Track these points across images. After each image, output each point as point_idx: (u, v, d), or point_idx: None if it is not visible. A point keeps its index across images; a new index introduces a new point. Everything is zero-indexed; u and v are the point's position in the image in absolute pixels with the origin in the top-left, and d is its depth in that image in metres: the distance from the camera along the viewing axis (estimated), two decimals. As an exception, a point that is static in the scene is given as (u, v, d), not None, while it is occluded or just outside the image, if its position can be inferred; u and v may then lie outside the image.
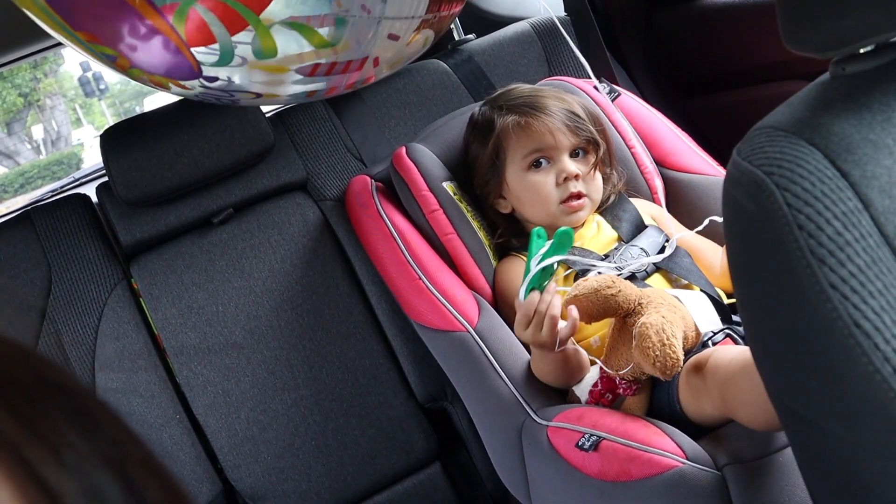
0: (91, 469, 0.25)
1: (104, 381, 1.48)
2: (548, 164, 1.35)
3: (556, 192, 1.34)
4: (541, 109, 1.36)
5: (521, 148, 1.36)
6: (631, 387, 1.16)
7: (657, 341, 1.04)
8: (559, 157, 1.34)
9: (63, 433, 0.26)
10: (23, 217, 1.58)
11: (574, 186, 1.34)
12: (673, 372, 1.04)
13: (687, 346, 1.12)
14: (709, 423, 1.10)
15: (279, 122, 1.70)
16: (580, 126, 1.35)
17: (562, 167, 1.34)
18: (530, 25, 1.91)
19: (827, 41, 0.61)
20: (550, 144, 1.34)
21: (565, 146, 1.34)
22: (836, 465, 0.60)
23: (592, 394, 1.20)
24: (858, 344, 0.53)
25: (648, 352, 1.04)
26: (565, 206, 1.34)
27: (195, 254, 1.59)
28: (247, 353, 1.54)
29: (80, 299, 1.52)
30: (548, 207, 1.35)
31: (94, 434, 0.27)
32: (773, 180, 0.57)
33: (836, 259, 0.54)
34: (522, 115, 1.36)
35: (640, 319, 1.09)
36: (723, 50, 1.78)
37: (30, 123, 12.86)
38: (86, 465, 0.25)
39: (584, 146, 1.36)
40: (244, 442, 1.51)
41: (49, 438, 0.25)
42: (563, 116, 1.35)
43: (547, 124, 1.34)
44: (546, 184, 1.35)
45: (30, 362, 0.28)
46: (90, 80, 12.78)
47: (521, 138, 1.36)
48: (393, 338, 1.57)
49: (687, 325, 1.12)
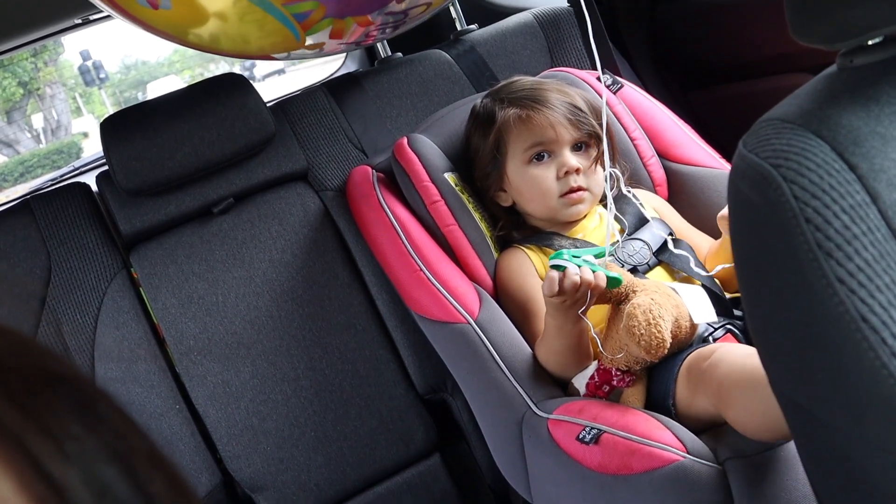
0: (95, 461, 0.25)
1: (103, 371, 1.48)
2: (549, 158, 1.34)
3: (556, 186, 1.34)
4: (542, 102, 1.35)
5: (522, 141, 1.35)
6: (625, 378, 1.16)
7: (643, 321, 1.07)
8: (560, 150, 1.34)
9: (67, 425, 0.25)
10: (22, 206, 1.58)
11: (574, 181, 1.33)
12: (658, 352, 1.06)
13: (681, 336, 1.13)
14: (698, 424, 1.10)
15: (280, 111, 1.69)
16: (582, 120, 1.34)
17: (562, 161, 1.33)
18: (533, 16, 1.90)
19: (835, 33, 0.61)
20: (551, 138, 1.33)
21: (566, 140, 1.34)
22: (840, 459, 0.59)
23: (589, 386, 1.20)
24: (865, 339, 0.53)
25: (634, 330, 1.07)
26: (565, 199, 1.34)
27: (195, 243, 1.58)
28: (246, 343, 1.54)
29: (80, 288, 1.51)
30: (548, 201, 1.35)
31: (98, 426, 0.26)
32: (780, 173, 0.57)
33: (844, 253, 0.54)
34: (524, 108, 1.35)
35: (630, 301, 1.11)
36: (726, 42, 1.77)
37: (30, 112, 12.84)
38: (90, 457, 0.25)
39: (586, 140, 1.35)
40: (244, 432, 1.51)
41: (53, 431, 0.25)
42: (564, 110, 1.34)
43: (548, 118, 1.33)
44: (546, 178, 1.34)
45: (33, 354, 0.27)
46: (90, 68, 12.74)
47: (523, 132, 1.35)
48: (393, 329, 1.57)
49: (681, 315, 1.13)
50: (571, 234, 1.37)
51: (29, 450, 0.24)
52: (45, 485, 0.24)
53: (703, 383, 1.07)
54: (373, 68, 1.90)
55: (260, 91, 1.61)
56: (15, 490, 0.23)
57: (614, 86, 1.59)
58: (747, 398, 0.97)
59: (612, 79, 1.60)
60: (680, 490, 1.00)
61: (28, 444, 0.24)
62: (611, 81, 1.59)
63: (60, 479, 0.24)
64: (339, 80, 1.85)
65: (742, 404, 0.99)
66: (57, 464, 0.24)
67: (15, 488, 0.23)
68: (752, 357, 0.99)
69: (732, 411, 1.01)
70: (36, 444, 0.24)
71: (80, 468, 0.25)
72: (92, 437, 0.26)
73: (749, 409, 0.98)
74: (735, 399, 1.00)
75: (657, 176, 1.51)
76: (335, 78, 2.00)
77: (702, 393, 1.08)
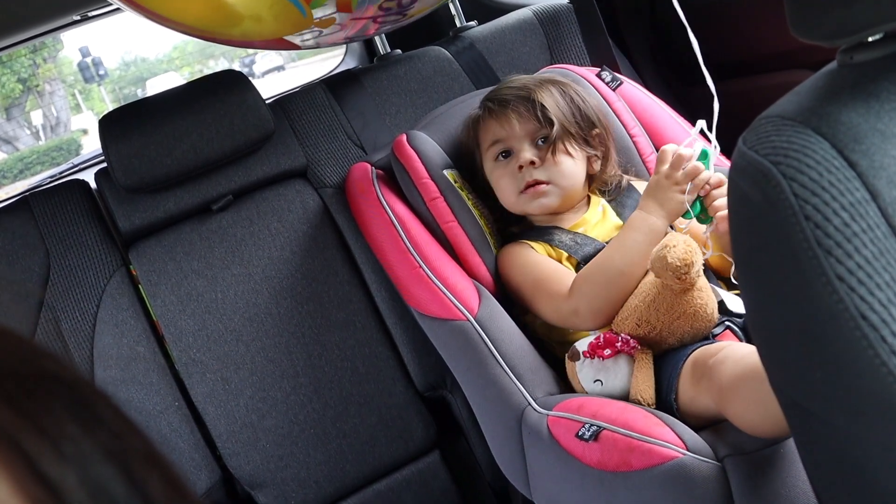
0: (92, 462, 0.25)
1: (102, 369, 1.48)
2: (511, 156, 1.36)
3: (513, 183, 1.35)
4: (498, 101, 1.38)
5: (485, 141, 1.39)
6: (629, 343, 1.18)
7: (674, 238, 1.10)
8: (518, 146, 1.35)
9: (63, 426, 0.25)
10: (21, 203, 1.57)
11: (529, 175, 1.34)
12: (687, 272, 1.08)
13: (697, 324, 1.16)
14: (699, 421, 1.10)
15: (279, 108, 1.69)
16: (534, 111, 1.34)
17: (516, 156, 1.35)
18: (533, 13, 1.90)
19: (835, 29, 0.60)
20: (503, 135, 1.36)
21: (519, 135, 1.35)
22: (839, 457, 0.59)
23: (591, 345, 1.20)
24: (864, 336, 0.53)
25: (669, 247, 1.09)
26: (525, 194, 1.34)
27: (194, 241, 1.58)
28: (246, 340, 1.54)
29: (79, 286, 1.51)
30: (510, 197, 1.37)
31: (94, 426, 0.26)
32: (779, 170, 0.56)
33: (843, 250, 0.54)
34: (483, 108, 1.40)
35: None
36: (726, 39, 1.77)
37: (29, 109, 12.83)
38: (87, 458, 0.25)
39: (545, 132, 1.35)
40: (243, 429, 1.51)
41: (49, 431, 0.25)
42: (518, 105, 1.35)
43: (499, 116, 1.36)
44: (504, 175, 1.36)
45: (29, 354, 0.27)
46: (89, 65, 12.72)
47: (483, 131, 1.39)
48: (392, 326, 1.57)
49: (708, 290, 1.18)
50: (572, 228, 1.37)
51: (25, 451, 0.24)
52: (42, 486, 0.24)
53: (706, 379, 1.08)
54: (372, 65, 1.90)
55: (259, 88, 1.61)
56: (11, 491, 0.23)
57: (614, 82, 1.58)
58: (747, 393, 0.97)
59: (612, 75, 1.60)
60: (679, 487, 1.00)
61: (24, 444, 0.24)
62: (610, 78, 1.58)
63: (57, 479, 0.24)
64: (338, 76, 1.85)
65: (742, 400, 0.99)
66: (53, 464, 0.24)
67: (11, 489, 0.23)
68: (753, 354, 0.99)
69: (733, 407, 1.01)
70: (32, 445, 0.24)
71: (76, 469, 0.24)
72: (88, 438, 0.26)
73: (749, 404, 0.98)
74: (736, 395, 1.01)
75: (656, 173, 1.51)
76: (334, 75, 1.99)
77: (705, 389, 1.08)
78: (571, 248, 1.33)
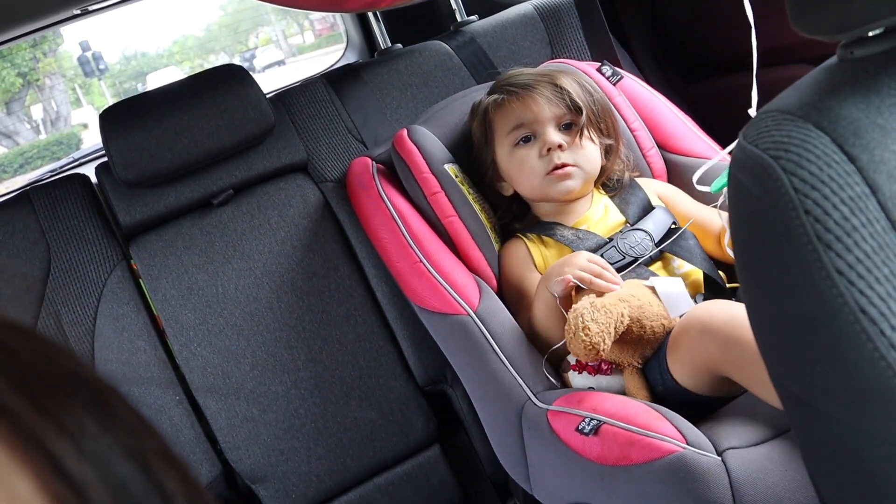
0: (112, 460, 0.25)
1: (103, 362, 1.48)
2: (534, 140, 1.36)
3: (540, 165, 1.34)
4: (520, 86, 1.37)
5: (505, 125, 1.37)
6: (601, 367, 1.20)
7: (572, 325, 1.11)
8: (543, 129, 1.35)
9: (84, 424, 0.25)
10: (22, 197, 1.57)
11: (558, 157, 1.34)
12: (587, 354, 1.09)
13: (646, 335, 1.16)
14: (702, 388, 1.11)
15: (280, 102, 1.69)
16: (562, 96, 1.35)
17: (544, 139, 1.34)
18: (534, 7, 1.90)
19: (835, 24, 0.61)
20: (530, 118, 1.35)
21: (547, 118, 1.34)
22: (839, 450, 0.59)
23: (574, 367, 1.23)
24: (864, 330, 0.53)
25: (566, 334, 1.12)
26: (551, 176, 1.34)
27: (195, 235, 1.58)
28: (246, 334, 1.54)
29: (80, 280, 1.51)
30: (534, 180, 1.36)
31: (113, 424, 0.26)
32: (779, 164, 0.56)
33: (843, 244, 0.54)
34: (503, 93, 1.39)
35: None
36: (727, 33, 1.76)
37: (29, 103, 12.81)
38: (107, 456, 0.25)
39: (571, 117, 1.35)
40: (244, 423, 1.51)
41: (70, 429, 0.25)
42: (543, 89, 1.35)
43: (525, 99, 1.35)
44: (529, 157, 1.35)
45: (49, 353, 0.27)
46: (90, 59, 12.70)
47: (503, 116, 1.38)
48: (393, 320, 1.57)
49: (644, 315, 1.15)
50: (575, 224, 1.37)
51: (48, 449, 0.24)
52: (64, 483, 0.24)
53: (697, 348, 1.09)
54: (372, 59, 1.90)
55: (260, 82, 1.61)
56: (34, 489, 0.23)
57: (614, 77, 1.58)
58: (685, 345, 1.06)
59: (613, 70, 1.60)
60: (679, 481, 1.00)
61: (47, 443, 0.24)
62: (611, 73, 1.58)
63: (78, 477, 0.24)
64: (339, 71, 1.85)
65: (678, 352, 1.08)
66: (75, 462, 0.24)
67: (34, 487, 0.23)
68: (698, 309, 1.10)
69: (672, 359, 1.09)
70: (54, 443, 0.24)
71: (97, 466, 0.25)
72: (108, 436, 0.26)
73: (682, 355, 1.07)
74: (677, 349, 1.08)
75: (657, 167, 1.51)
76: (335, 69, 1.99)
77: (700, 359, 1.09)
78: (573, 242, 1.33)
